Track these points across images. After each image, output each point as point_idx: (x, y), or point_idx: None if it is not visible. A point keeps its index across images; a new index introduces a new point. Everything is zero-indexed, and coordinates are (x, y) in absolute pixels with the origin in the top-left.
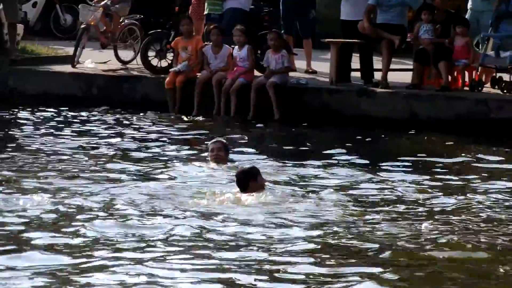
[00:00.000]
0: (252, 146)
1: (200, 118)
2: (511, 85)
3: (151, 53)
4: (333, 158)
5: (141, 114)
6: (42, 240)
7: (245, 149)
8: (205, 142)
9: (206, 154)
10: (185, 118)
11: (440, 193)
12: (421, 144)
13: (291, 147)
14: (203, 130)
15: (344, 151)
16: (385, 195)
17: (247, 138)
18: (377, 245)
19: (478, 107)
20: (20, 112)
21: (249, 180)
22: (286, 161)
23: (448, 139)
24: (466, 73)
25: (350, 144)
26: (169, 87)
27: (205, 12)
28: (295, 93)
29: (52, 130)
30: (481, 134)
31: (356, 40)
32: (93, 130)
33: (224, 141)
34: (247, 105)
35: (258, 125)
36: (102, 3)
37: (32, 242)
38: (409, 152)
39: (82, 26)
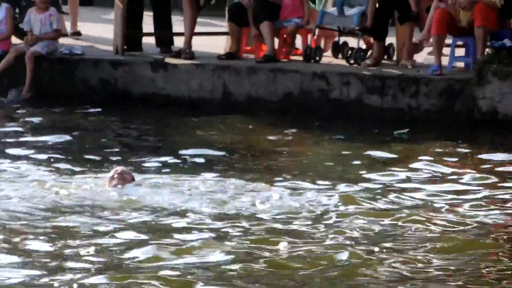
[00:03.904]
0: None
1: None
2: (360, 53)
3: None
4: (114, 149)
5: None
6: None
7: None
8: None
9: None
10: None
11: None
12: (236, 133)
13: (54, 137)
14: None
15: (136, 138)
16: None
17: None
18: None
19: (315, 83)
20: None
21: None
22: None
23: (273, 126)
24: (299, 37)
25: (140, 134)
26: None
27: None
28: (67, 66)
29: None
30: (320, 119)
31: None
32: None
33: None
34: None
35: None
36: None
37: None
38: (219, 143)
39: None
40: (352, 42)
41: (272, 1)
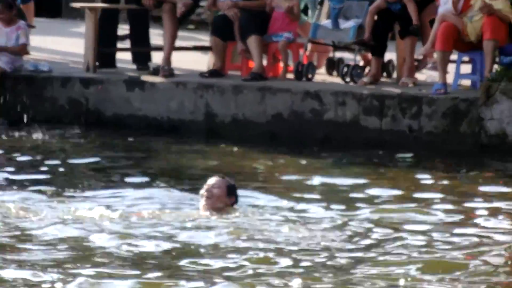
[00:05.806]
0: None
1: None
2: (357, 70)
3: None
4: (91, 179)
5: None
6: None
7: None
8: None
9: None
10: None
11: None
12: (221, 158)
13: (18, 161)
14: None
15: (107, 165)
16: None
17: None
18: None
19: (307, 103)
20: None
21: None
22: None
23: (261, 150)
24: (290, 53)
25: (114, 159)
26: None
27: None
28: (33, 85)
29: None
30: (313, 142)
31: (124, 5)
32: None
33: None
34: None
35: None
36: None
37: None
38: (202, 169)
39: None
40: (348, 58)
41: (260, 12)
